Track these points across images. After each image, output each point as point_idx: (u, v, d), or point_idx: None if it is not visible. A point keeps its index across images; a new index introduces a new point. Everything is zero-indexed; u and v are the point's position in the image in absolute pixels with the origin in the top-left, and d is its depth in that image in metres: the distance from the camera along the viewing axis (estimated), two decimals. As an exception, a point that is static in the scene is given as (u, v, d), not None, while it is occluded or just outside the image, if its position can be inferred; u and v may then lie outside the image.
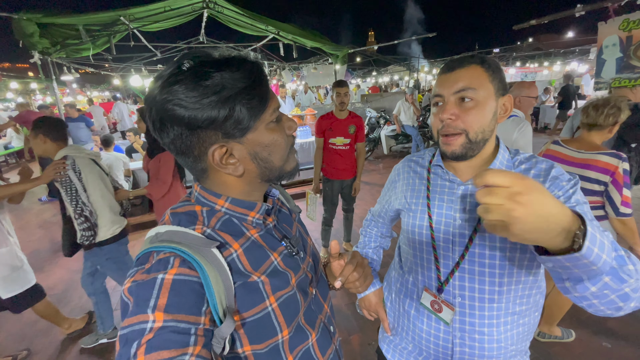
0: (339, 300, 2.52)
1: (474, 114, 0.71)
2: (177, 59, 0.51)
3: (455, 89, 0.72)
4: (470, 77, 0.72)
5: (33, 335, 2.38)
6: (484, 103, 0.72)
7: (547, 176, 0.74)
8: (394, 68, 16.88)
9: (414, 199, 0.89)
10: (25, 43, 3.70)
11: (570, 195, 0.70)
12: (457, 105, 0.73)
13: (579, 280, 0.51)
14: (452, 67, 0.74)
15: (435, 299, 0.82)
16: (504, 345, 0.77)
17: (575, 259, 0.45)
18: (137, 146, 4.84)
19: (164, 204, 2.46)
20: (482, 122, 0.72)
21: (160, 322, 0.42)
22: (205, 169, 0.56)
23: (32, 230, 4.40)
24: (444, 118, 0.73)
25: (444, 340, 0.82)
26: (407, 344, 0.92)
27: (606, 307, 0.53)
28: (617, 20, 2.94)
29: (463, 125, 0.72)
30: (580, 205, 0.68)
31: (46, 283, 3.04)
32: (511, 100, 0.76)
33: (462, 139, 0.73)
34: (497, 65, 0.75)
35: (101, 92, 16.51)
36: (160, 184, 2.32)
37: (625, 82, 3.03)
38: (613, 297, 0.52)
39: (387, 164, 6.66)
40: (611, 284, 0.50)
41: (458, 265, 0.78)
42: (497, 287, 0.75)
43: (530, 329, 0.81)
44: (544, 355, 1.93)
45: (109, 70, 8.86)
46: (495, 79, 0.73)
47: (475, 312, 0.77)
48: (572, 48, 14.21)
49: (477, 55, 0.76)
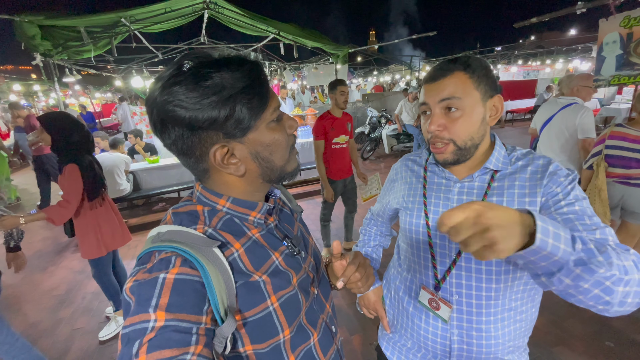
0: (341, 300, 2.53)
1: (460, 123, 0.72)
2: (177, 60, 0.51)
3: (439, 98, 0.73)
4: (454, 85, 0.72)
5: (36, 336, 2.39)
6: (470, 111, 0.72)
7: (545, 172, 0.73)
8: (395, 67, 16.86)
9: (410, 198, 0.90)
10: (27, 45, 3.72)
11: (568, 191, 0.70)
12: (443, 115, 0.74)
13: (551, 274, 0.52)
14: (434, 77, 0.74)
15: (433, 297, 0.82)
16: (501, 341, 0.78)
17: (534, 251, 0.47)
18: (139, 148, 4.86)
19: (85, 230, 2.09)
20: (469, 130, 0.73)
21: (161, 321, 0.42)
22: (207, 169, 0.57)
23: (35, 231, 4.43)
24: (431, 130, 0.74)
25: (442, 337, 0.82)
26: (406, 341, 0.92)
27: (594, 302, 0.54)
28: (618, 17, 2.92)
29: (449, 135, 0.73)
30: (579, 202, 0.68)
31: (48, 284, 3.08)
32: (501, 100, 0.76)
33: (451, 147, 0.75)
34: (483, 67, 0.74)
35: (103, 93, 16.57)
36: (63, 206, 1.91)
37: (624, 79, 3.01)
38: (597, 292, 0.52)
39: (388, 164, 6.65)
40: (584, 275, 0.51)
41: (455, 263, 0.79)
42: (494, 284, 0.76)
43: (528, 325, 0.81)
44: (546, 354, 1.93)
45: (111, 72, 8.89)
46: (481, 84, 0.73)
47: (472, 310, 0.78)
48: (574, 46, 14.15)
49: (461, 58, 0.74)
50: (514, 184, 0.75)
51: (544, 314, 2.17)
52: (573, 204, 0.68)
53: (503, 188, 0.76)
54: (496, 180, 0.77)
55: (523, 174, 0.75)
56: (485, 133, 0.77)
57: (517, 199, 0.73)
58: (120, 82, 8.59)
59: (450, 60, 0.74)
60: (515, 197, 0.74)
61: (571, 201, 0.68)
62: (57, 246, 3.90)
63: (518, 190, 0.74)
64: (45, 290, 3.00)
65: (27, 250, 3.84)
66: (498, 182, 0.77)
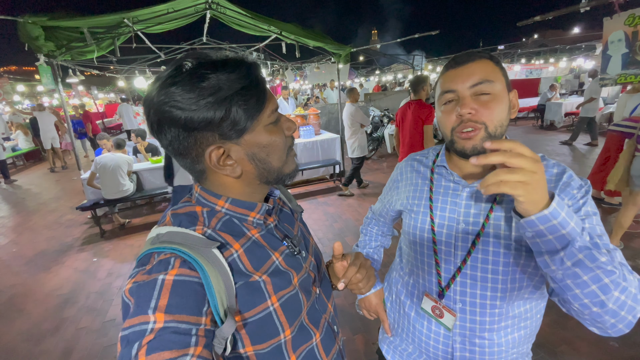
0: (343, 300, 2.52)
1: (493, 106, 0.68)
2: (175, 60, 0.51)
3: (470, 83, 0.68)
4: (484, 70, 0.69)
5: (41, 335, 2.41)
6: (501, 96, 0.69)
7: (559, 182, 0.70)
8: (397, 67, 16.81)
9: (415, 200, 0.86)
10: (31, 46, 3.74)
11: (580, 206, 0.67)
12: (475, 99, 0.69)
13: (555, 251, 0.53)
14: (461, 62, 0.71)
15: (437, 305, 0.80)
16: (504, 348, 0.76)
17: (546, 217, 0.51)
18: (141, 148, 4.88)
19: None
20: (500, 115, 0.69)
21: (161, 322, 0.42)
22: (204, 170, 0.57)
23: (39, 231, 4.46)
24: (464, 113, 0.68)
25: (443, 344, 0.81)
26: (407, 346, 0.91)
27: (589, 299, 0.54)
28: (623, 16, 2.89)
29: (482, 118, 0.68)
30: (590, 218, 0.66)
31: (53, 283, 3.10)
32: (517, 96, 0.75)
33: (482, 132, 0.69)
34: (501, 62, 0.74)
35: (106, 94, 16.67)
36: None
37: (631, 78, 2.98)
38: (594, 288, 0.53)
39: (390, 163, 6.63)
40: (585, 262, 0.52)
41: (460, 270, 0.76)
42: (500, 292, 0.73)
43: (532, 332, 0.80)
44: (550, 354, 1.92)
45: (114, 72, 8.94)
46: (504, 74, 0.72)
47: (475, 318, 0.76)
48: (578, 44, 14.04)
49: (483, 51, 0.74)
50: None
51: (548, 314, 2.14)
52: (583, 221, 0.65)
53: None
54: None
55: None
56: (507, 126, 0.74)
57: None
58: (124, 82, 8.64)
59: (474, 51, 0.73)
60: None
61: (582, 217, 0.66)
62: (61, 246, 3.93)
63: None
64: (49, 289, 3.02)
65: (31, 250, 3.88)
66: None
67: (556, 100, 8.82)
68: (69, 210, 5.11)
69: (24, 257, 3.72)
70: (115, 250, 3.70)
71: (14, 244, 4.06)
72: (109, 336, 2.35)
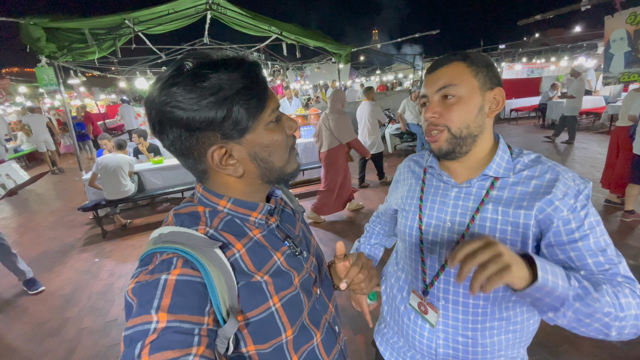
0: (345, 300, 2.52)
1: (455, 109, 0.71)
2: (176, 60, 0.51)
3: (437, 87, 0.73)
4: (451, 74, 0.72)
5: (43, 336, 2.42)
6: (467, 98, 0.71)
7: (552, 187, 0.69)
8: (397, 66, 16.81)
9: (408, 200, 0.89)
10: (33, 47, 3.76)
11: (582, 219, 0.66)
12: (440, 103, 0.73)
13: (556, 309, 0.58)
14: (434, 67, 0.75)
15: (422, 301, 0.82)
16: (489, 349, 0.76)
17: (538, 288, 0.54)
18: (143, 148, 4.89)
19: None
20: (465, 117, 0.71)
21: (163, 322, 0.42)
22: (206, 170, 0.57)
23: (41, 231, 4.47)
24: (428, 117, 0.73)
25: (428, 339, 0.82)
26: (398, 339, 0.93)
27: (595, 334, 0.61)
28: (624, 14, 2.88)
29: (444, 121, 0.72)
30: (593, 230, 0.66)
31: (55, 284, 3.11)
32: (502, 93, 0.74)
33: (445, 134, 0.73)
34: (484, 60, 0.73)
35: (108, 95, 16.71)
36: None
37: (634, 77, 2.97)
38: (597, 326, 0.59)
39: (391, 163, 6.62)
40: (583, 309, 0.57)
41: (443, 269, 0.78)
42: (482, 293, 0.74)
43: (524, 337, 0.79)
44: (552, 353, 1.91)
45: (115, 73, 8.96)
46: (480, 73, 0.72)
47: (458, 316, 0.77)
48: (579, 43, 13.99)
49: (462, 52, 0.75)
50: (514, 197, 0.72)
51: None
52: (587, 237, 0.65)
53: (501, 198, 0.73)
54: (496, 188, 0.74)
55: (526, 187, 0.72)
56: (484, 125, 0.74)
57: (512, 210, 0.70)
58: (125, 83, 8.65)
59: (451, 53, 0.75)
60: (511, 208, 0.71)
61: (585, 233, 0.65)
62: (63, 246, 3.94)
63: (516, 202, 0.71)
64: (51, 290, 3.03)
65: (33, 251, 3.90)
66: (497, 191, 0.74)
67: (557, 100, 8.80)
68: (70, 211, 5.12)
69: (26, 258, 3.71)
70: (117, 251, 3.70)
71: (17, 245, 4.07)
72: (111, 336, 2.35)
